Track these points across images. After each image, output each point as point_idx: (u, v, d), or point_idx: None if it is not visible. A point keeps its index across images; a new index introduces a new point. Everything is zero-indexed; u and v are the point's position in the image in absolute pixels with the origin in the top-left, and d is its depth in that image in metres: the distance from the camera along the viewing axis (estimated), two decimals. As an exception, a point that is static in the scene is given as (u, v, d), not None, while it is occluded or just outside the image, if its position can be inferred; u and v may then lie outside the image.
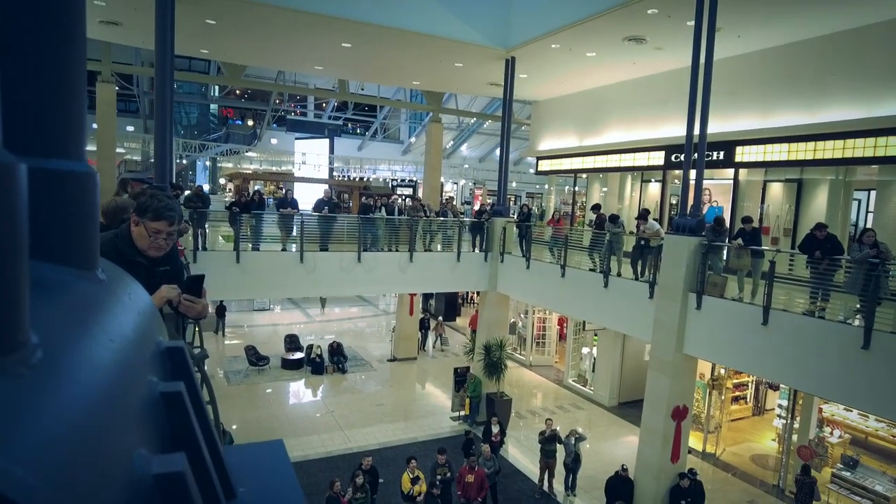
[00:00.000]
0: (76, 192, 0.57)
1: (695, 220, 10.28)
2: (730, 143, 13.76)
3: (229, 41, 15.76)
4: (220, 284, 12.35)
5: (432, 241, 15.95)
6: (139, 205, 2.43)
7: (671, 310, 10.38)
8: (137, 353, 0.56)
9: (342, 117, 40.61)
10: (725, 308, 9.77)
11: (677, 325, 10.25)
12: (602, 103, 18.05)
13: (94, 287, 0.57)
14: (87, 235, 0.58)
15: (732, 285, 10.21)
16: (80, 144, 0.60)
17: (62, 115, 0.57)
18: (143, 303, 0.69)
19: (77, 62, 0.61)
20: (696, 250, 10.15)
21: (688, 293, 10.22)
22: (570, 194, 22.37)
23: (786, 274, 9.94)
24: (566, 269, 13.41)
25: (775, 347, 8.93)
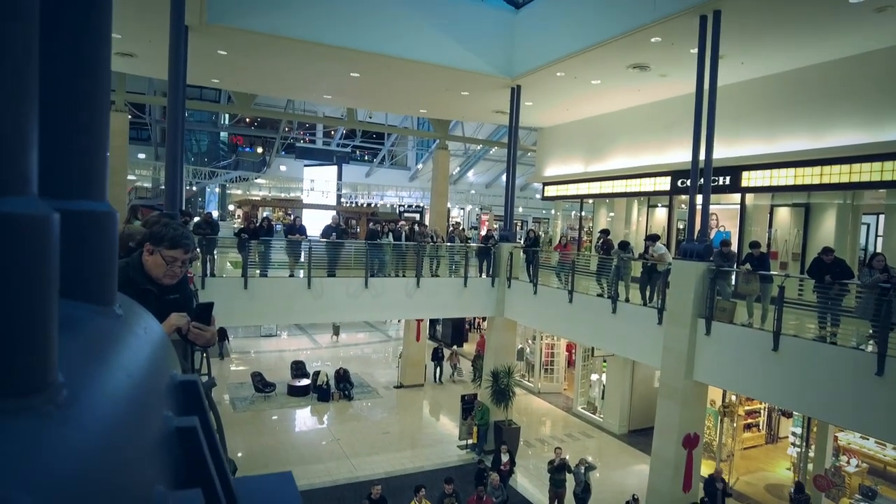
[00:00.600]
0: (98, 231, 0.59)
1: (702, 245, 10.25)
2: (736, 168, 13.79)
3: (240, 71, 16.09)
4: (228, 311, 12.37)
5: (439, 267, 15.96)
6: (153, 234, 2.47)
7: (680, 336, 10.29)
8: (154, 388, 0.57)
9: (350, 145, 41.07)
10: (735, 334, 9.67)
11: (686, 352, 10.14)
12: (607, 129, 18.19)
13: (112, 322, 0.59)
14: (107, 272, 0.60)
15: (742, 311, 10.12)
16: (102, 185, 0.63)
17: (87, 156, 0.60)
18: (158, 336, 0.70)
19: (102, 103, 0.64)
20: (705, 275, 10.09)
21: (697, 319, 10.13)
22: (576, 219, 22.40)
23: (795, 299, 9.86)
24: (574, 295, 13.34)
25: (786, 373, 8.80)
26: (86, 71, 0.57)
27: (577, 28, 12.89)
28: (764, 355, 9.05)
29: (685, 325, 10.20)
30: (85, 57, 0.57)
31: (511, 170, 16.48)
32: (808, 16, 10.02)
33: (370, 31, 13.34)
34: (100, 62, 0.59)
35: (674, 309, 10.52)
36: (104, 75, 0.64)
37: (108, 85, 0.65)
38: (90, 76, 0.59)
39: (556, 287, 14.44)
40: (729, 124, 13.27)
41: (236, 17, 12.16)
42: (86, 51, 0.57)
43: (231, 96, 24.32)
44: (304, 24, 12.72)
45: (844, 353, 8.20)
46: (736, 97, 13.48)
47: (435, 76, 15.10)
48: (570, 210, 24.72)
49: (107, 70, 0.61)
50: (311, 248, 13.88)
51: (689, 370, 10.18)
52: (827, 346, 8.51)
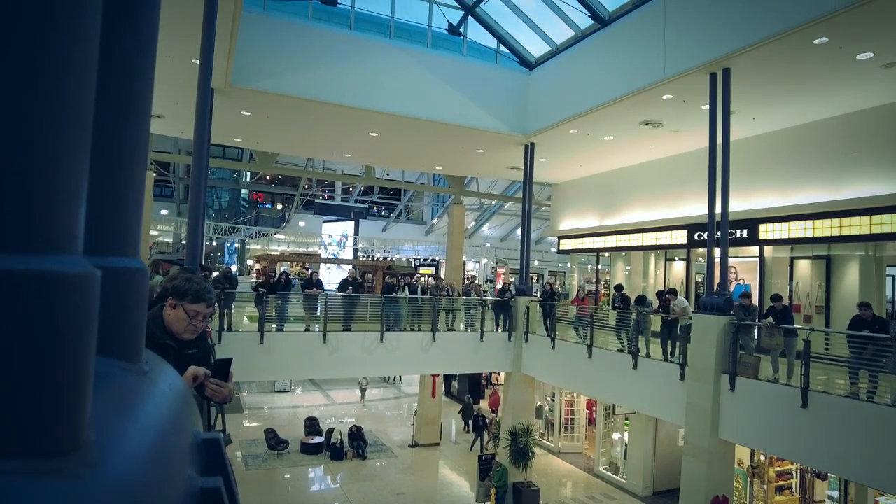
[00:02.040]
0: (131, 289, 0.60)
1: (722, 298, 10.09)
2: (753, 221, 13.73)
3: (262, 131, 16.67)
4: (244, 366, 12.32)
5: (455, 321, 15.85)
6: (176, 288, 2.50)
7: (703, 392, 9.98)
8: (179, 447, 0.56)
9: (368, 200, 41.79)
10: (761, 390, 9.36)
11: (711, 409, 9.81)
12: (621, 184, 18.32)
13: (139, 379, 0.59)
14: (137, 329, 0.61)
15: (767, 366, 9.83)
16: (137, 243, 0.64)
17: (124, 213, 0.61)
18: (182, 393, 0.70)
19: (141, 159, 0.67)
20: (726, 329, 9.88)
21: (720, 374, 9.84)
22: (593, 273, 22.27)
23: (822, 353, 9.57)
24: (593, 350, 13.11)
25: (818, 432, 8.42)
26: (129, 127, 0.60)
27: (588, 87, 13.23)
28: (792, 412, 8.70)
29: (708, 380, 9.91)
30: (130, 115, 0.60)
31: (526, 224, 16.57)
32: (816, 73, 10.20)
33: (388, 93, 13.83)
34: (142, 119, 0.62)
35: (696, 364, 10.26)
36: (144, 131, 0.67)
37: (146, 141, 0.67)
38: (133, 133, 0.61)
39: (574, 342, 14.22)
40: (744, 177, 13.31)
41: (260, 79, 12.73)
42: (131, 110, 0.60)
43: (253, 155, 25.07)
44: (324, 86, 13.25)
45: (882, 411, 7.83)
46: (750, 151, 13.57)
47: (451, 135, 15.48)
48: (586, 263, 24.61)
49: (147, 126, 0.64)
50: (328, 302, 13.91)
51: (714, 428, 9.81)
52: (861, 403, 8.16)
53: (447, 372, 22.45)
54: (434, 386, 19.95)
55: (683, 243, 16.09)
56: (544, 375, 15.64)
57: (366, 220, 39.63)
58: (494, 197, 32.55)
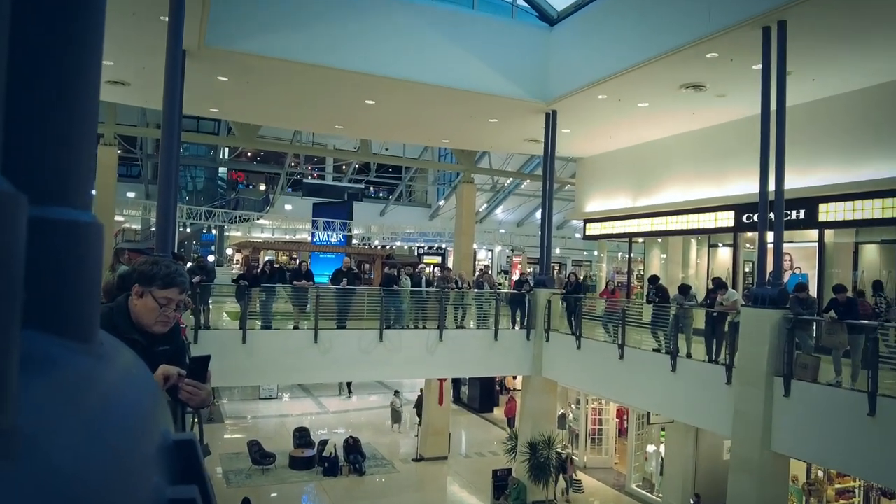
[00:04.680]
0: (79, 246, 0.54)
1: (776, 289, 10.02)
2: (811, 200, 13.61)
3: (242, 100, 16.61)
4: (224, 369, 12.33)
5: (465, 317, 15.86)
6: (142, 273, 2.45)
7: (754, 397, 9.94)
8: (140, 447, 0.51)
9: (364, 180, 41.73)
10: (820, 395, 9.32)
11: (762, 417, 9.77)
12: (658, 158, 18.19)
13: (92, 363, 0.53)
14: (89, 299, 0.55)
15: (827, 368, 9.77)
16: (86, 191, 0.59)
17: (68, 153, 0.56)
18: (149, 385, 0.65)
19: (90, 97, 0.61)
20: (780, 325, 9.81)
21: (773, 377, 9.80)
22: (624, 261, 22.18)
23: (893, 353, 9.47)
24: (625, 350, 13.08)
25: (887, 444, 8.35)
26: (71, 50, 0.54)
27: (620, 45, 13.06)
28: (857, 421, 8.64)
29: (759, 384, 9.86)
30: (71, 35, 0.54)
31: (547, 205, 16.48)
32: (887, 25, 9.99)
33: (387, 54, 13.71)
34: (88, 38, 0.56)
35: (745, 366, 10.22)
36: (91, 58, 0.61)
37: (97, 73, 0.61)
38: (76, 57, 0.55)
39: (602, 340, 14.17)
40: (801, 149, 13.14)
41: (238, 39, 12.64)
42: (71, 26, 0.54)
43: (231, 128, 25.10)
44: (313, 47, 13.14)
45: None
46: (808, 118, 13.39)
47: (459, 102, 15.36)
48: (617, 251, 24.49)
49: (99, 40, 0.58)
50: (319, 296, 13.93)
51: (765, 439, 9.79)
52: None
53: (456, 375, 22.49)
54: (441, 392, 20.00)
55: (730, 226, 15.99)
56: (568, 379, 15.61)
57: (361, 203, 39.61)
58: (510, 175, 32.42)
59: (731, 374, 10.58)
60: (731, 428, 10.38)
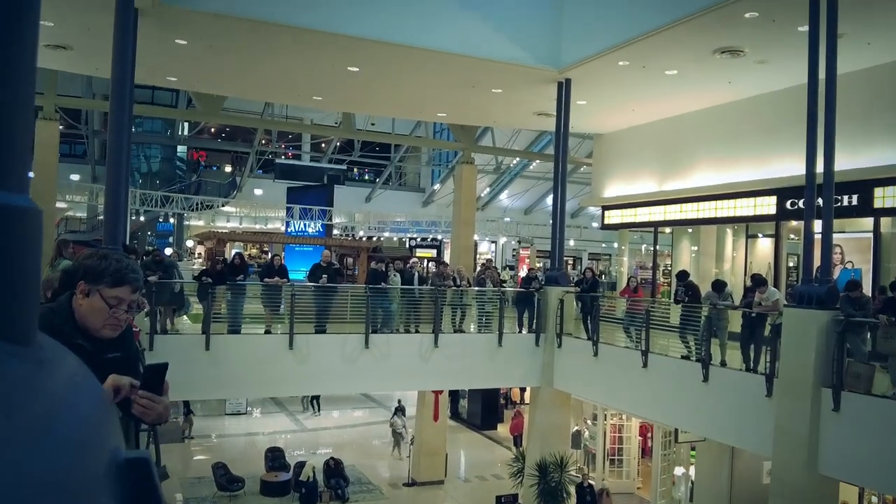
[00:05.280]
0: (14, 236, 0.54)
1: (824, 287, 10.05)
2: (865, 184, 13.67)
3: (204, 66, 16.55)
4: (184, 379, 12.33)
5: (464, 319, 15.89)
6: (89, 268, 2.44)
7: (798, 412, 10.01)
8: (86, 467, 0.51)
9: (346, 160, 41.73)
10: (875, 409, 9.39)
11: (808, 434, 9.84)
12: (688, 135, 18.21)
13: (29, 369, 0.54)
14: (26, 296, 0.55)
15: (883, 377, 9.85)
16: (22, 172, 0.59)
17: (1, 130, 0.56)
18: (96, 396, 0.65)
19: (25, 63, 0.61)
20: (829, 329, 9.86)
21: (820, 388, 9.87)
22: (649, 255, 22.23)
23: None
24: (649, 357, 13.13)
25: None
26: None
27: (645, 3, 13.04)
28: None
29: (804, 397, 9.93)
30: None
31: (559, 189, 16.50)
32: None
33: (372, 14, 13.66)
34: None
35: (788, 375, 10.28)
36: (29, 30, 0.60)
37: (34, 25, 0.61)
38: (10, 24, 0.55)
39: (623, 346, 14.22)
40: (854, 125, 13.17)
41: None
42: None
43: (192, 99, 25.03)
44: (287, 5, 13.08)
45: None
46: (863, 88, 13.42)
47: (457, 69, 15.32)
48: (640, 243, 24.54)
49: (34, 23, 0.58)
50: (294, 296, 13.93)
51: (811, 460, 9.86)
52: None
53: (454, 387, 22.56)
54: (437, 406, 20.06)
55: (771, 214, 16.07)
56: (583, 391, 15.66)
57: (343, 187, 39.61)
58: (516, 154, 32.44)
59: (771, 385, 10.63)
60: (772, 447, 10.43)
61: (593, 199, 23.21)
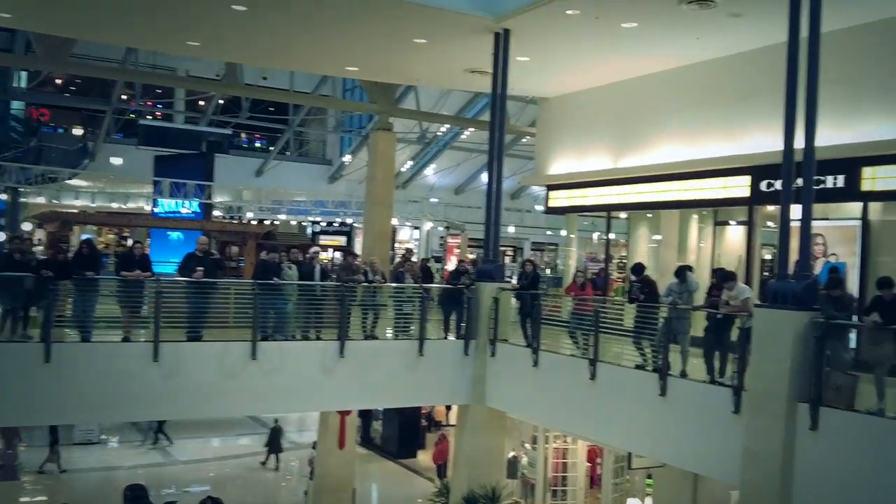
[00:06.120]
0: None
1: (802, 283, 10.34)
2: (852, 162, 14.09)
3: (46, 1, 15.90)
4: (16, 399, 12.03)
5: (378, 323, 15.83)
6: None
7: (770, 431, 10.27)
8: None
9: (231, 123, 40.92)
10: (858, 427, 9.65)
11: (781, 458, 10.11)
12: (649, 102, 18.56)
13: None
14: None
15: (867, 389, 10.18)
16: None
17: None
18: None
19: None
20: (807, 333, 10.13)
21: (795, 403, 10.13)
22: (601, 245, 22.62)
23: None
24: (598, 367, 13.33)
25: None
26: None
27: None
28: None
29: (777, 413, 10.18)
30: None
31: (495, 165, 16.59)
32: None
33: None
34: None
35: (758, 388, 10.52)
36: None
37: None
38: None
39: (569, 354, 14.39)
40: (840, 92, 13.57)
41: None
42: None
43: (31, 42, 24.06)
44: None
45: None
46: (851, 49, 13.82)
47: (371, 12, 15.23)
48: (591, 230, 24.97)
49: None
50: (161, 294, 13.58)
51: (786, 488, 10.12)
52: None
53: (364, 407, 22.49)
54: (343, 431, 19.93)
55: (744, 197, 16.45)
56: (521, 409, 15.83)
57: (227, 157, 38.81)
58: (444, 120, 32.43)
59: (739, 400, 10.84)
60: (741, 473, 10.66)
61: (536, 176, 23.42)
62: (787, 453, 10.15)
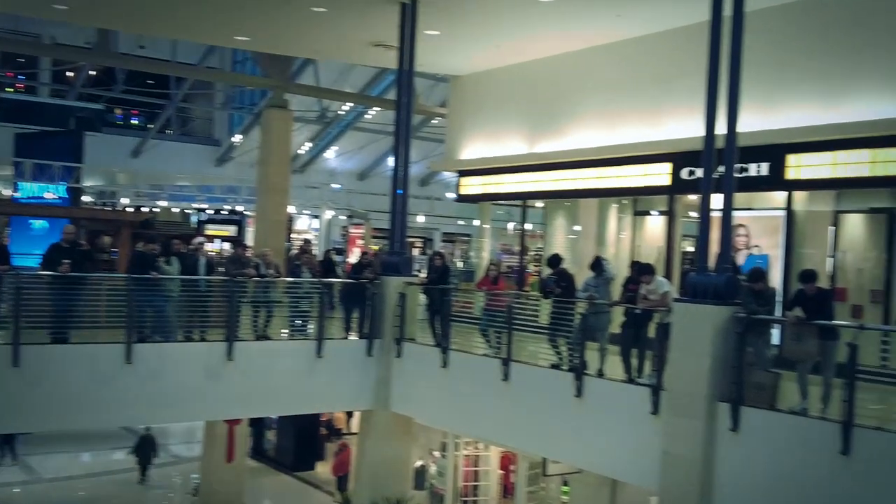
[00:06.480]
0: None
1: (723, 276, 10.67)
2: (776, 149, 14.55)
3: None
4: None
5: (271, 322, 15.72)
6: None
7: (690, 433, 10.56)
8: None
9: (103, 97, 39.94)
10: (782, 427, 10.00)
11: (701, 461, 10.42)
12: (567, 82, 18.82)
13: None
14: None
15: (790, 388, 10.51)
16: None
17: None
18: None
19: None
20: (728, 328, 10.46)
21: (716, 403, 10.45)
22: (516, 236, 22.89)
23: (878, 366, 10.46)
24: (512, 367, 13.50)
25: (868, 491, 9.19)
26: None
27: None
28: (828, 463, 9.37)
29: (697, 414, 10.49)
30: None
31: (402, 148, 16.66)
32: None
33: None
34: None
35: (677, 388, 10.82)
36: None
37: None
38: None
39: (481, 354, 14.55)
40: (767, 75, 14.05)
41: None
42: None
43: None
44: None
45: None
46: (776, 30, 14.26)
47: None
48: (506, 220, 25.24)
49: None
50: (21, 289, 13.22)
51: (705, 492, 10.43)
52: None
53: (255, 415, 22.21)
54: (231, 442, 19.73)
55: (665, 185, 16.85)
56: (429, 414, 15.94)
57: (100, 136, 37.83)
58: (347, 98, 32.30)
59: (658, 400, 11.15)
60: (660, 477, 10.95)
61: (447, 161, 23.48)
62: (708, 456, 10.46)
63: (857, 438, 9.23)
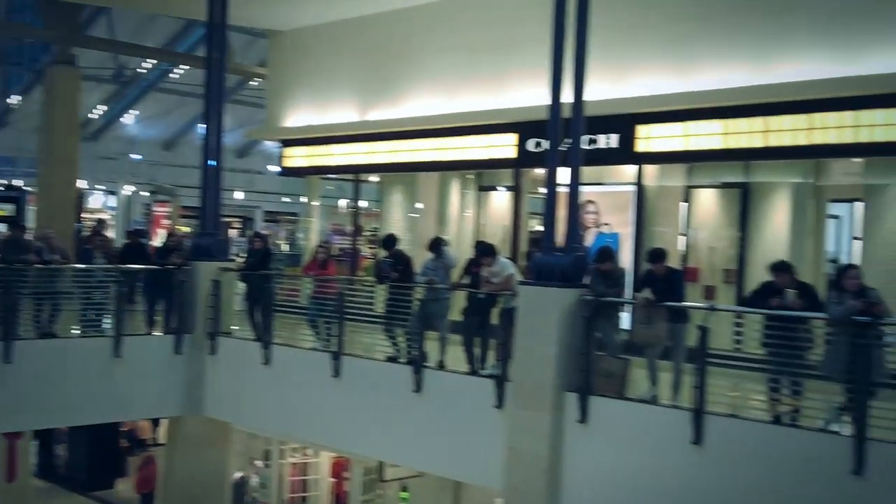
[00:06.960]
0: None
1: (570, 257, 11.09)
2: (626, 119, 15.17)
3: None
4: None
5: (57, 316, 15.36)
6: None
7: (535, 427, 10.94)
8: None
9: None
10: (631, 417, 10.51)
11: (548, 456, 10.81)
12: (403, 41, 19.02)
13: None
14: None
15: (640, 375, 11.09)
16: None
17: None
18: None
19: None
20: (575, 311, 10.87)
21: (563, 394, 10.86)
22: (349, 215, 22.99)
23: (731, 349, 11.06)
24: (343, 361, 13.64)
25: (722, 482, 9.76)
26: None
27: None
28: (680, 453, 9.91)
29: (542, 406, 10.87)
30: None
31: (214, 113, 16.49)
32: None
33: None
34: None
35: (523, 378, 11.18)
36: None
37: None
38: None
39: (308, 348, 14.67)
40: (617, 39, 14.61)
41: None
42: None
43: None
44: None
45: (811, 442, 9.21)
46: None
47: None
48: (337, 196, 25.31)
49: None
50: None
51: (552, 490, 10.84)
52: (779, 431, 9.48)
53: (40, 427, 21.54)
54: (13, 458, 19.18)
55: (510, 157, 17.25)
56: (250, 418, 15.93)
57: None
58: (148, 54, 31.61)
59: (502, 392, 11.50)
60: (504, 475, 11.26)
61: (268, 129, 23.28)
62: (555, 451, 10.88)
63: (710, 427, 9.75)
